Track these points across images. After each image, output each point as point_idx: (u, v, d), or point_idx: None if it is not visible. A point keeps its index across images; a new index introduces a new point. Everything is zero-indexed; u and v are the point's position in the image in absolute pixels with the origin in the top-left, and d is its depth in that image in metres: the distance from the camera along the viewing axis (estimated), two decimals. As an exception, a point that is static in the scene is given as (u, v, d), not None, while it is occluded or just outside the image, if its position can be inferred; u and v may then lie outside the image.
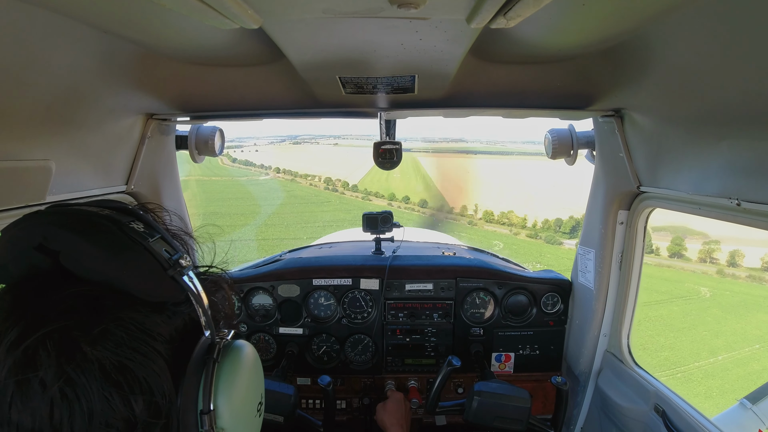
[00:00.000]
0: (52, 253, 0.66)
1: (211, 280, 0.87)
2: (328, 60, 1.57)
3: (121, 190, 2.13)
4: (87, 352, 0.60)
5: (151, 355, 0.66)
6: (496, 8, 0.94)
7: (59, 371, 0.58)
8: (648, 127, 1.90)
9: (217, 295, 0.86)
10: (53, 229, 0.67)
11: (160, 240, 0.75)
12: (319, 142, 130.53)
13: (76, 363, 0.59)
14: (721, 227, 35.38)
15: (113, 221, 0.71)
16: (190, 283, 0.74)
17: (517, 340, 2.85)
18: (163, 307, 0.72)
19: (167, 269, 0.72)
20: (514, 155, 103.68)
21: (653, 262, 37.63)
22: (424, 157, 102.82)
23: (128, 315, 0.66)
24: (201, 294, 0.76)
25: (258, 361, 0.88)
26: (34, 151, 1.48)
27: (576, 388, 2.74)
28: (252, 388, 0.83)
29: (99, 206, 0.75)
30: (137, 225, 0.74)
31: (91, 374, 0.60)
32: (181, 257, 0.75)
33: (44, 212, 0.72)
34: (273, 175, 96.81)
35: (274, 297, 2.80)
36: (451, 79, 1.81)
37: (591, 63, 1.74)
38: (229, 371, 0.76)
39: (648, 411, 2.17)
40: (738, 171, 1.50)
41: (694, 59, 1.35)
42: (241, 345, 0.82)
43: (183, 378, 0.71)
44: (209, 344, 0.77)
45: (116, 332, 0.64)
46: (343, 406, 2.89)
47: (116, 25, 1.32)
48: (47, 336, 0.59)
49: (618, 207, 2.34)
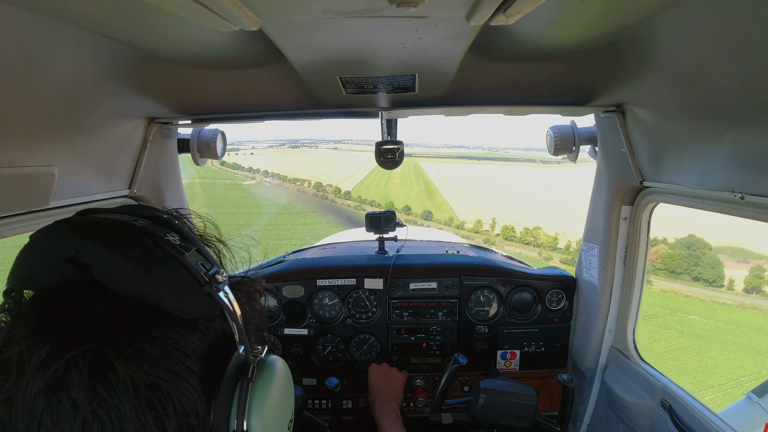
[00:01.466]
0: (84, 266, 0.64)
1: (244, 291, 0.85)
2: (328, 60, 1.57)
3: (124, 194, 2.14)
4: (120, 372, 0.59)
5: (184, 375, 0.65)
6: (496, 5, 0.94)
7: (92, 392, 0.57)
8: (650, 121, 1.90)
9: (250, 305, 0.85)
10: (86, 242, 0.65)
11: (195, 253, 0.73)
12: (318, 146, 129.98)
13: (109, 383, 0.58)
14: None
15: (148, 234, 0.69)
16: (225, 299, 0.72)
17: (523, 338, 2.85)
18: (197, 324, 0.70)
19: (203, 285, 0.70)
20: (519, 162, 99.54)
21: (731, 302, 28.09)
22: (426, 162, 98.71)
23: (162, 333, 0.65)
24: (236, 309, 0.74)
25: (290, 378, 0.86)
26: (36, 157, 1.48)
27: (582, 385, 2.74)
28: (285, 406, 0.82)
29: (132, 214, 0.73)
30: (173, 237, 0.71)
31: (125, 395, 0.58)
32: (218, 272, 0.73)
33: (76, 221, 0.70)
34: (260, 180, 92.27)
35: (279, 298, 2.81)
36: (451, 77, 1.81)
37: (592, 58, 1.74)
38: (263, 391, 0.74)
39: (655, 406, 2.16)
40: (741, 164, 1.49)
41: (696, 53, 1.34)
42: (273, 362, 0.80)
43: (216, 397, 0.69)
44: (243, 362, 0.75)
45: (150, 351, 0.62)
46: (350, 405, 2.89)
47: (116, 29, 1.33)
48: (79, 355, 0.58)
49: (621, 202, 2.34)
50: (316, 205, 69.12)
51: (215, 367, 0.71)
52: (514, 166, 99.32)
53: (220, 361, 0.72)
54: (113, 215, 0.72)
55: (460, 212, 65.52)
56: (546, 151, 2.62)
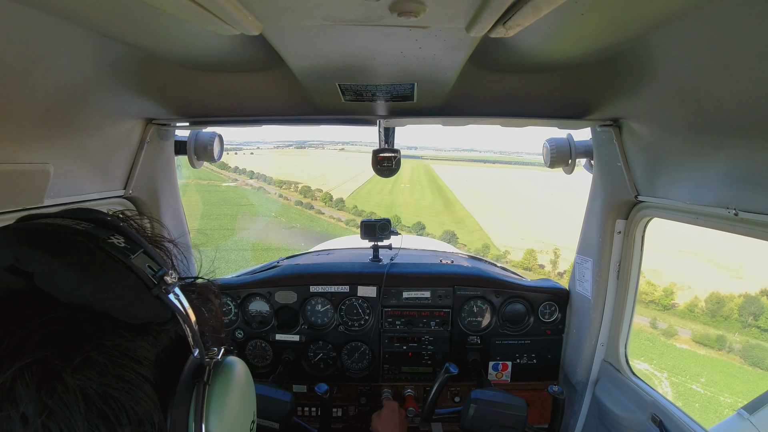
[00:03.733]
0: (25, 275, 0.61)
1: (198, 292, 0.83)
2: (327, 67, 1.57)
3: (119, 194, 2.13)
4: (69, 382, 0.56)
5: (137, 381, 0.63)
6: (496, 17, 0.95)
7: (40, 405, 0.55)
8: (646, 136, 1.91)
9: (205, 307, 0.82)
10: (25, 249, 0.61)
11: (142, 255, 0.69)
12: (324, 147, 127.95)
13: (58, 395, 0.55)
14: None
15: (90, 237, 0.66)
16: (177, 301, 0.70)
17: (515, 349, 2.84)
18: (148, 328, 0.68)
19: (151, 288, 0.67)
20: (534, 166, 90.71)
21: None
22: (438, 165, 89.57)
23: (111, 340, 0.62)
24: (188, 312, 0.72)
25: (249, 377, 0.84)
26: (32, 154, 1.47)
27: (573, 398, 2.73)
28: (244, 408, 0.80)
29: (75, 218, 0.70)
30: (117, 240, 0.68)
31: (75, 406, 0.56)
32: (166, 273, 0.70)
33: (14, 228, 0.66)
34: (242, 182, 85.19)
35: (271, 303, 2.79)
36: (450, 88, 1.82)
37: (589, 72, 1.75)
38: (221, 393, 0.72)
39: (645, 421, 2.15)
40: (735, 181, 1.50)
41: (692, 69, 1.36)
42: (231, 363, 0.78)
43: (172, 403, 0.67)
44: (198, 365, 0.73)
45: (99, 360, 0.60)
46: (340, 413, 2.87)
47: (117, 29, 1.33)
48: (25, 368, 0.55)
49: (616, 216, 2.35)
50: (290, 220, 58.83)
51: (170, 372, 0.69)
52: (532, 170, 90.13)
53: (176, 366, 0.70)
54: (54, 220, 0.69)
55: (491, 229, 54.85)
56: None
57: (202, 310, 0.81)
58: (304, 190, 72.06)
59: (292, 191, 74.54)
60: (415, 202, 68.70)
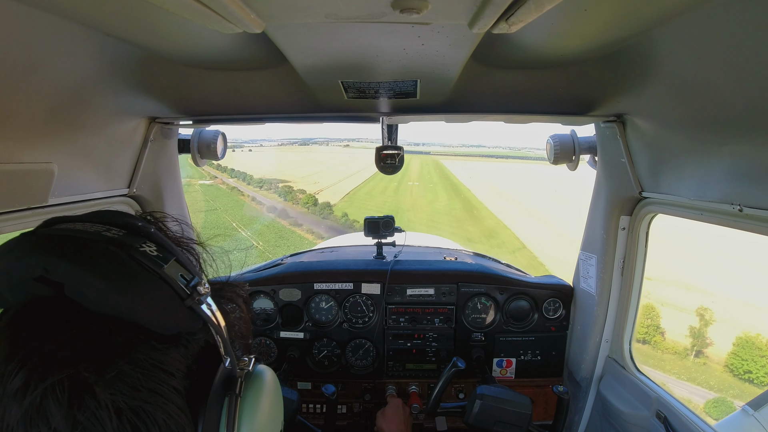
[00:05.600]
0: (54, 284, 0.59)
1: (227, 297, 0.82)
2: (330, 64, 1.57)
3: (123, 193, 2.14)
4: (101, 397, 0.55)
5: (169, 395, 0.62)
6: (498, 13, 0.95)
7: (71, 420, 0.54)
8: (650, 132, 1.90)
9: (233, 313, 0.81)
10: (54, 259, 0.59)
11: (175, 263, 0.67)
12: (329, 144, 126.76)
13: (90, 410, 0.55)
14: None
15: (122, 246, 0.63)
16: (209, 311, 0.68)
17: (519, 346, 2.84)
18: (179, 339, 0.67)
19: (185, 299, 0.66)
20: (545, 161, 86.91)
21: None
22: (449, 161, 78.78)
23: (143, 353, 0.61)
24: (220, 321, 0.70)
25: (278, 387, 0.83)
26: (36, 154, 1.48)
27: (577, 394, 2.73)
28: (274, 417, 0.79)
29: (104, 223, 0.68)
30: (149, 248, 0.66)
31: (107, 421, 0.55)
32: (199, 283, 0.68)
33: (42, 235, 0.64)
34: (219, 180, 76.85)
35: (276, 301, 2.80)
36: (453, 84, 1.82)
37: (593, 68, 1.75)
38: (252, 405, 0.72)
39: (650, 417, 2.15)
40: (740, 177, 1.49)
41: (696, 65, 1.35)
42: (261, 373, 0.77)
43: (203, 415, 0.66)
44: (229, 375, 0.72)
45: (131, 373, 0.58)
46: (344, 410, 2.88)
47: (119, 28, 1.33)
48: (57, 383, 0.54)
49: (620, 212, 2.34)
50: (255, 235, 47.29)
51: (201, 382, 0.68)
52: (545, 165, 77.82)
53: (206, 376, 0.69)
54: (83, 225, 0.66)
55: (537, 245, 42.22)
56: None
57: (230, 316, 0.80)
58: (285, 191, 60.40)
59: (270, 192, 64.12)
60: (427, 205, 56.96)
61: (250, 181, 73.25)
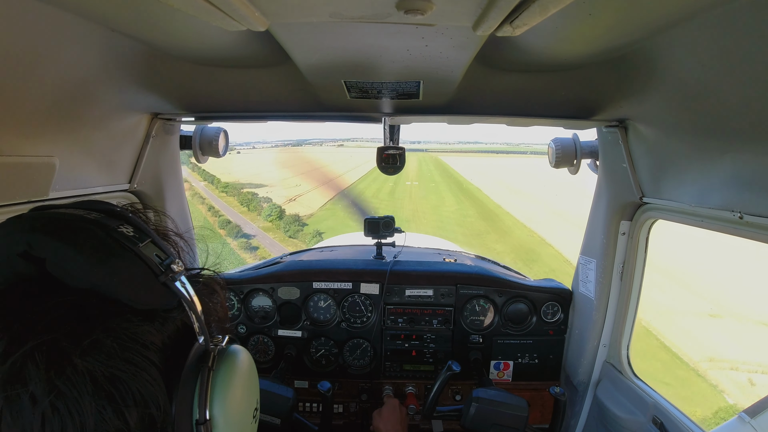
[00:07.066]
0: (37, 261, 0.64)
1: (204, 283, 0.84)
2: (333, 64, 1.57)
3: (124, 188, 2.14)
4: (77, 364, 0.58)
5: (143, 365, 0.65)
6: (503, 16, 0.95)
7: (49, 385, 0.57)
8: (652, 138, 1.90)
9: (210, 298, 0.84)
10: (38, 235, 0.64)
11: (150, 244, 0.72)
12: (323, 145, 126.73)
13: (67, 376, 0.57)
14: None
15: (101, 226, 0.68)
16: (183, 289, 0.72)
17: (517, 349, 2.84)
18: (154, 315, 0.70)
19: (159, 275, 0.70)
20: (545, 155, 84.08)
21: None
22: (448, 157, 73.09)
23: (119, 324, 0.64)
24: (194, 299, 0.73)
25: (253, 366, 0.86)
26: (38, 147, 1.48)
27: (574, 398, 2.73)
28: (248, 395, 0.82)
29: (85, 209, 0.72)
30: (126, 229, 0.71)
31: (83, 387, 0.58)
32: (173, 262, 0.72)
33: (28, 217, 0.69)
34: (188, 185, 68.86)
35: (274, 299, 2.80)
36: (456, 86, 1.82)
37: (596, 73, 1.75)
38: (225, 379, 0.75)
39: (646, 423, 2.15)
40: (741, 184, 1.49)
41: (699, 71, 1.35)
42: (235, 351, 0.80)
43: (177, 387, 0.69)
44: (203, 351, 0.75)
45: (107, 343, 0.62)
46: (340, 410, 2.88)
47: (124, 23, 1.33)
48: (35, 348, 0.57)
49: (620, 217, 2.34)
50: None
51: (176, 358, 0.71)
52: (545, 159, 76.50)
53: (181, 353, 0.72)
54: (66, 210, 0.71)
55: (570, 253, 32.22)
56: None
57: (207, 300, 0.82)
58: (247, 199, 49.08)
59: (231, 199, 53.86)
60: (432, 211, 46.53)
61: (219, 186, 67.69)
